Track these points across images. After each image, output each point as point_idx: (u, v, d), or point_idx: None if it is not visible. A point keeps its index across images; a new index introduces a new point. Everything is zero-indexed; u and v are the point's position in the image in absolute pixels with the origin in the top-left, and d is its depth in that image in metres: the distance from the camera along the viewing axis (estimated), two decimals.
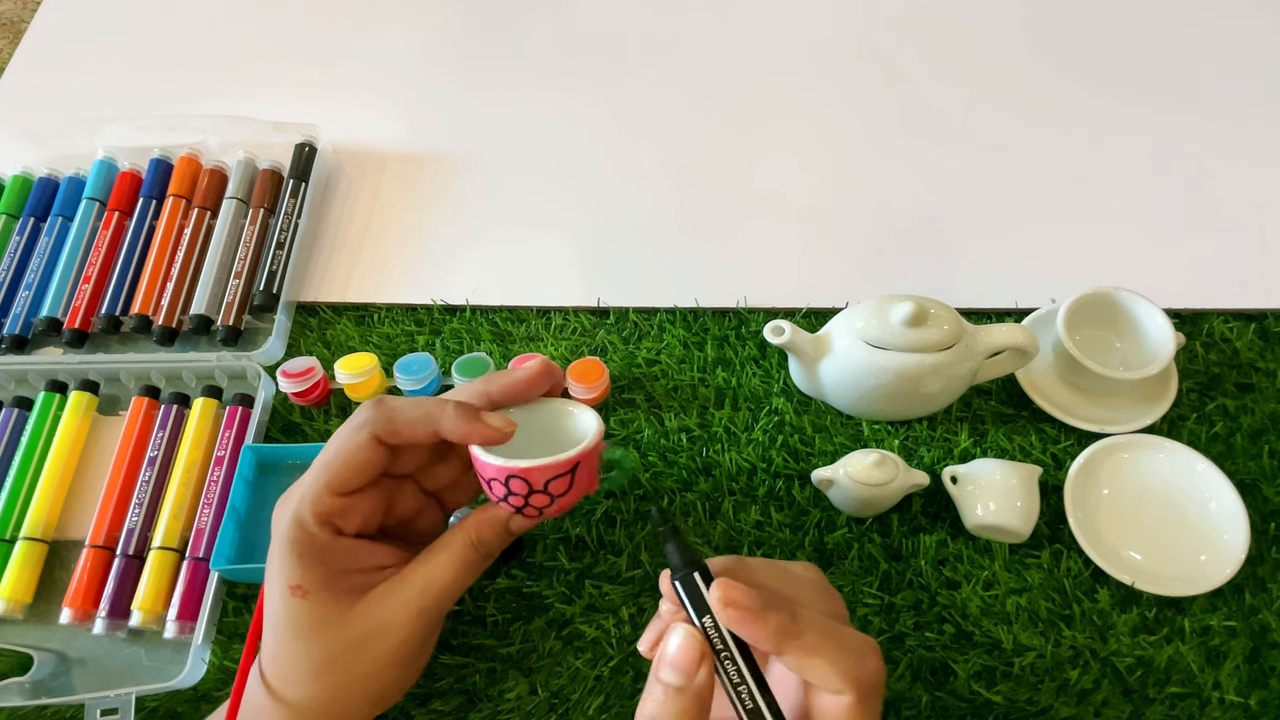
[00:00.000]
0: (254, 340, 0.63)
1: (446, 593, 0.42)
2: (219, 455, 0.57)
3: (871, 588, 0.51)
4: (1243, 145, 0.68)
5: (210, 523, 0.54)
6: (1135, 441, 0.54)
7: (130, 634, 0.53)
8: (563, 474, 0.41)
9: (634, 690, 0.49)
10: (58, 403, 0.59)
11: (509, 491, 0.41)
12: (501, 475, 0.41)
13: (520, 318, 0.63)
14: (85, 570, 0.53)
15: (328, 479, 0.41)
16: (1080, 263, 0.63)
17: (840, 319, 0.54)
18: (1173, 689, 0.48)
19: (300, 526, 0.41)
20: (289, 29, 0.80)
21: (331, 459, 0.41)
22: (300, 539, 0.41)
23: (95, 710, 0.49)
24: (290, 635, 0.40)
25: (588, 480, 0.44)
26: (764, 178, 0.69)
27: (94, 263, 0.64)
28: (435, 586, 0.42)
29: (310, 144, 0.69)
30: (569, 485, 0.42)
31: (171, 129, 0.70)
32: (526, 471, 0.41)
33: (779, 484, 0.55)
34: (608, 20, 0.79)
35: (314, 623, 0.40)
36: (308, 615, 0.40)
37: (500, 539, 0.43)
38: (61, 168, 0.69)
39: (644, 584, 0.52)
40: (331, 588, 0.41)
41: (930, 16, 0.77)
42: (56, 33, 0.82)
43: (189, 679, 0.50)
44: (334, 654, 0.40)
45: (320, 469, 0.41)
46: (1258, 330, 0.60)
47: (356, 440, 0.41)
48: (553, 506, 0.43)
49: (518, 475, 0.41)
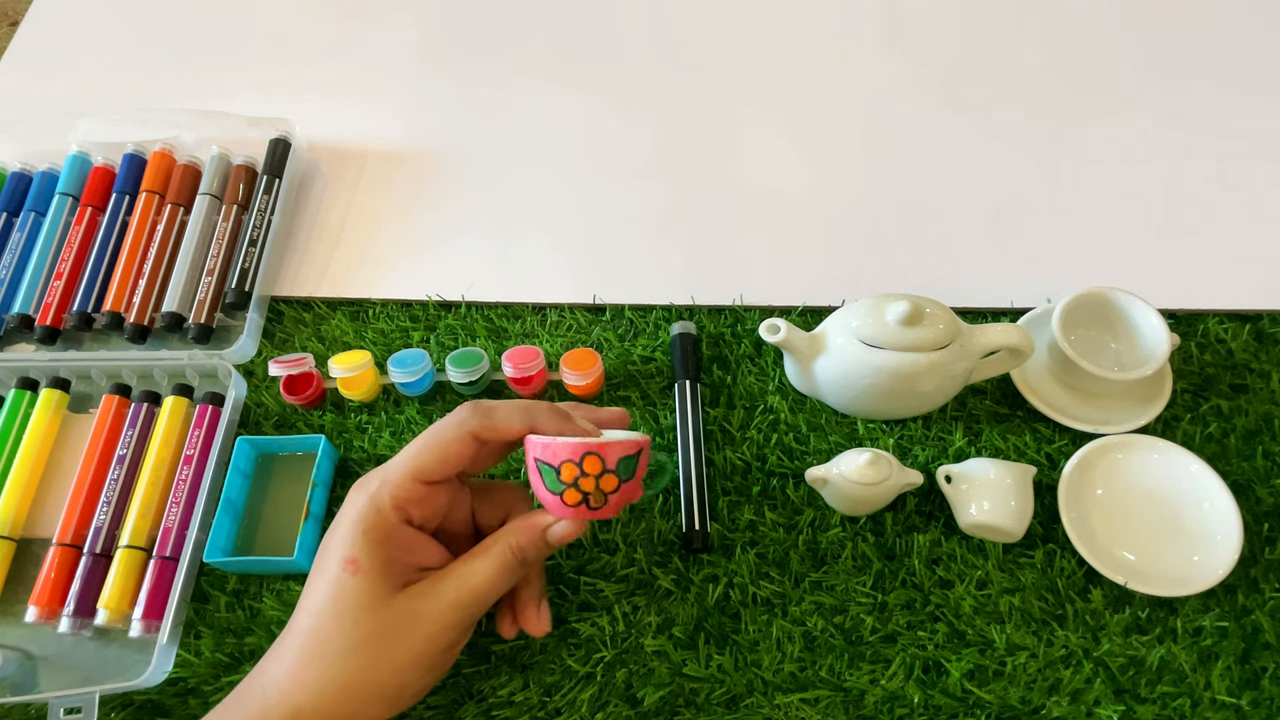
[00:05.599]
0: (226, 338, 0.66)
1: (482, 594, 0.46)
2: (188, 454, 0.60)
3: (865, 586, 0.55)
4: (1240, 146, 0.73)
5: (178, 521, 0.57)
6: (1129, 442, 0.58)
7: (96, 632, 0.55)
8: (632, 455, 0.47)
9: (627, 688, 0.52)
10: (28, 400, 0.62)
11: (580, 473, 0.46)
12: (578, 453, 0.45)
13: (515, 314, 0.66)
14: (52, 568, 0.56)
15: (417, 465, 0.46)
16: (1076, 263, 0.67)
17: (836, 317, 0.57)
18: (1165, 689, 0.52)
19: (375, 507, 0.46)
20: (269, 24, 0.84)
21: (425, 447, 0.47)
22: (371, 517, 0.45)
23: (59, 709, 0.52)
24: (330, 611, 0.44)
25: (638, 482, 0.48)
26: (760, 175, 0.73)
27: (66, 259, 0.67)
28: (471, 586, 0.46)
29: (285, 139, 0.72)
30: (633, 471, 0.47)
31: (145, 124, 0.73)
32: (602, 446, 0.46)
33: (773, 482, 0.59)
34: (602, 14, 0.83)
35: (358, 601, 0.44)
36: (354, 593, 0.44)
37: (538, 549, 0.48)
38: (35, 162, 0.72)
39: (638, 582, 0.55)
40: (383, 571, 0.45)
41: (929, 16, 0.82)
42: (35, 29, 0.85)
43: (154, 678, 0.53)
44: (367, 636, 0.44)
45: (412, 456, 0.46)
46: (1252, 331, 0.64)
47: (455, 435, 0.47)
48: (611, 501, 0.47)
49: (594, 451, 0.45)
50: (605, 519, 0.48)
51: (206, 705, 0.53)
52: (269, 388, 0.64)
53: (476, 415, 0.47)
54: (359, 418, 0.62)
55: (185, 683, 0.54)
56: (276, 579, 0.57)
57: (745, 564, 0.56)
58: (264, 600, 0.56)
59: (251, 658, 0.54)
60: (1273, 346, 0.63)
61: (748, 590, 0.55)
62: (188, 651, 0.55)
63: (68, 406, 0.63)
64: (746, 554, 0.56)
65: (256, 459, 0.61)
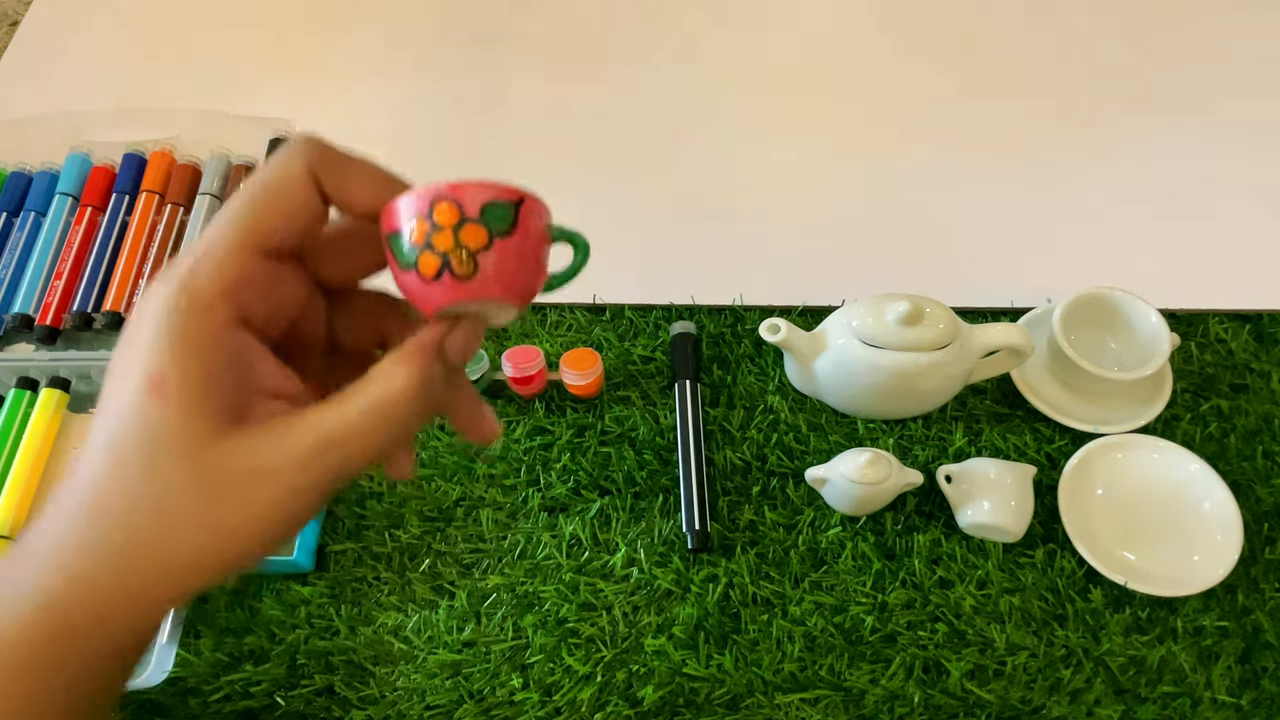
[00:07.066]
0: None
1: (352, 451, 0.30)
2: None
3: (865, 586, 0.56)
4: (1239, 146, 0.74)
5: None
6: (1130, 441, 0.58)
7: None
8: (503, 201, 0.32)
9: (627, 688, 0.53)
10: (28, 400, 0.62)
11: (431, 226, 0.31)
12: (425, 201, 0.31)
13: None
14: None
15: (249, 222, 0.31)
16: (1076, 263, 0.68)
17: (836, 317, 0.58)
18: (1165, 688, 0.53)
19: (190, 297, 0.29)
20: (269, 24, 0.84)
21: (255, 195, 0.31)
22: (183, 313, 0.29)
23: None
24: (122, 451, 0.29)
25: (531, 248, 0.34)
26: (760, 175, 0.73)
27: (66, 259, 0.68)
28: (339, 438, 0.30)
29: (284, 139, 0.73)
30: (510, 225, 0.32)
31: (145, 124, 0.73)
32: (456, 188, 0.31)
33: (773, 482, 0.59)
34: (603, 15, 0.84)
35: (162, 440, 0.29)
36: (157, 427, 0.29)
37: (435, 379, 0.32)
38: (35, 162, 0.73)
39: (639, 583, 0.56)
40: (203, 396, 0.29)
41: (929, 16, 0.82)
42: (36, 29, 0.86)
43: (153, 678, 0.53)
44: (172, 490, 0.29)
45: (238, 212, 0.31)
46: (1252, 331, 0.65)
47: (288, 172, 0.31)
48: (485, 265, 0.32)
49: (445, 196, 0.31)
50: (491, 297, 0.33)
51: (206, 705, 0.54)
52: None
53: (312, 146, 0.31)
54: None
55: (185, 682, 0.54)
56: (276, 579, 0.58)
57: (745, 564, 0.56)
58: (264, 600, 0.57)
59: (251, 657, 0.55)
60: (1273, 346, 0.64)
61: (748, 590, 0.56)
62: (187, 651, 0.55)
63: (68, 406, 0.64)
64: (746, 554, 0.57)
65: None
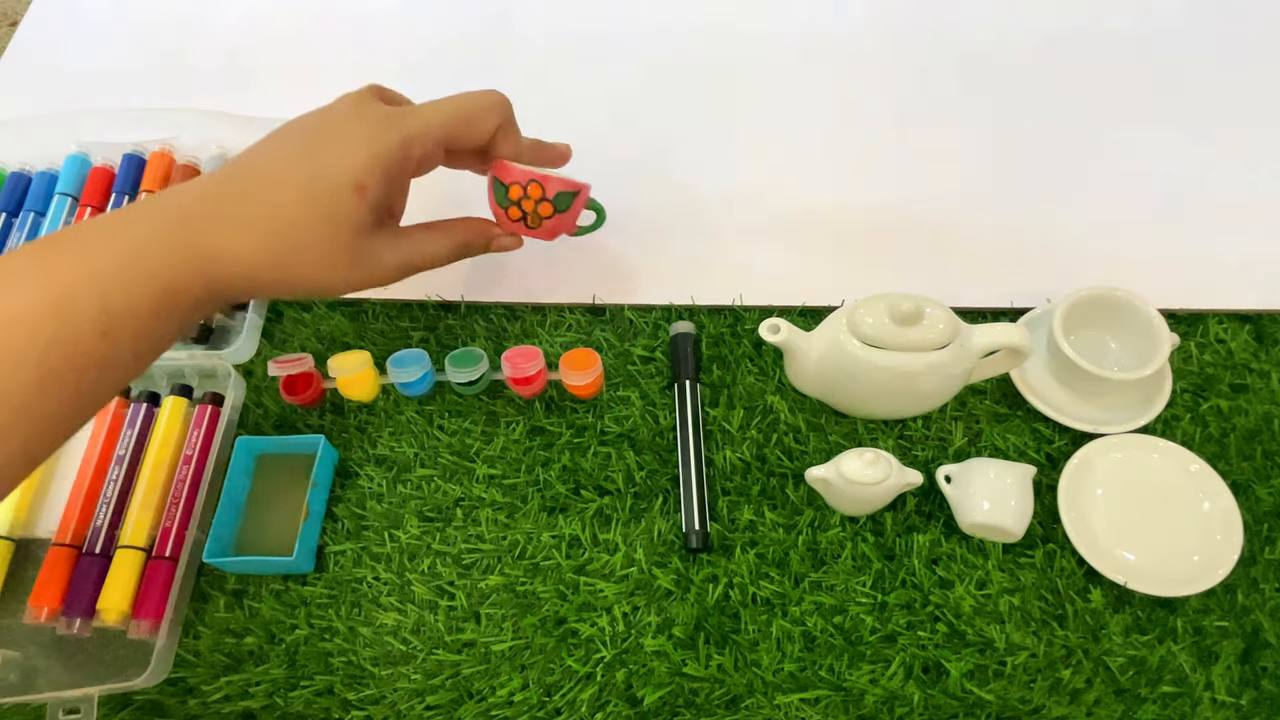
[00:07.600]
0: (226, 338, 0.67)
1: (427, 264, 0.56)
2: (187, 454, 0.61)
3: (865, 586, 0.56)
4: (1238, 146, 0.74)
5: (177, 521, 0.58)
6: (1129, 442, 0.59)
7: (95, 633, 0.56)
8: (569, 192, 0.58)
9: (627, 688, 0.53)
10: None
11: (524, 194, 0.57)
12: (526, 178, 0.57)
13: (515, 314, 0.67)
14: (51, 568, 0.56)
15: (450, 128, 0.53)
16: (1076, 263, 0.68)
17: (836, 317, 0.58)
18: (1165, 689, 0.53)
19: (405, 151, 0.51)
20: (269, 23, 0.85)
21: (462, 117, 0.54)
22: (395, 157, 0.51)
23: (58, 709, 0.53)
24: (315, 214, 0.48)
25: (572, 218, 0.61)
26: (760, 175, 0.73)
27: None
28: (425, 253, 0.55)
29: None
30: (568, 206, 0.59)
31: (145, 124, 0.74)
32: (546, 178, 0.57)
33: (772, 482, 0.60)
34: (599, 12, 0.84)
35: (349, 221, 0.49)
36: (350, 213, 0.49)
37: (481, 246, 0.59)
38: (35, 162, 0.73)
39: (638, 583, 0.56)
40: (377, 206, 0.51)
41: (928, 15, 0.83)
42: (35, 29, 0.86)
43: (153, 678, 0.53)
44: (337, 248, 0.49)
45: (448, 119, 0.53)
46: (1252, 331, 0.65)
47: (488, 113, 0.55)
48: (545, 225, 0.59)
49: (538, 180, 0.57)
50: (540, 239, 0.61)
51: (206, 705, 0.54)
52: (268, 388, 0.65)
53: (507, 105, 0.56)
54: (358, 418, 0.63)
55: (185, 683, 0.55)
56: (276, 579, 0.58)
57: (745, 564, 0.57)
58: (263, 600, 0.57)
59: (251, 657, 0.55)
60: (1273, 346, 0.64)
61: (748, 590, 0.56)
62: (187, 651, 0.56)
63: None
64: (746, 554, 0.57)
65: (256, 459, 0.62)
